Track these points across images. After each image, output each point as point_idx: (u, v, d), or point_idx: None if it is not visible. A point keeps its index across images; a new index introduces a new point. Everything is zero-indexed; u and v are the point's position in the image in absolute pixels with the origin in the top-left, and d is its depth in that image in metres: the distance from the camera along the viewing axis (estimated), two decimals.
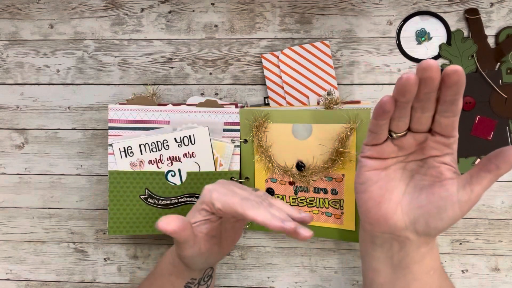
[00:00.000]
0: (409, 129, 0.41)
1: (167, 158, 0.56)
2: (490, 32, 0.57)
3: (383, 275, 0.43)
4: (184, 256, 0.43)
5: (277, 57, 0.58)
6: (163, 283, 0.48)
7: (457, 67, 0.35)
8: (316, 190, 0.55)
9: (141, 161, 0.56)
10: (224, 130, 0.57)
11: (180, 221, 0.39)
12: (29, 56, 0.61)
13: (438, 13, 0.57)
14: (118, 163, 0.55)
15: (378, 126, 0.40)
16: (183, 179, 0.57)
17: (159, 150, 0.56)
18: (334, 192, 0.55)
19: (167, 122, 0.56)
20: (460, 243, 0.58)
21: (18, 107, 0.61)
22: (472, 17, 0.56)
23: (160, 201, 0.56)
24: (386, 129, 0.40)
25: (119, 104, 0.56)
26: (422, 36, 0.57)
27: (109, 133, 0.55)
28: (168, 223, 0.39)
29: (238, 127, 0.57)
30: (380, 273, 0.43)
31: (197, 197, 0.57)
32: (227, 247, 0.48)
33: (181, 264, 0.46)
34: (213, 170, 0.57)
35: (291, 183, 0.56)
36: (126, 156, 0.55)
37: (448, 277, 0.45)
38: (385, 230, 0.42)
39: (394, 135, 0.41)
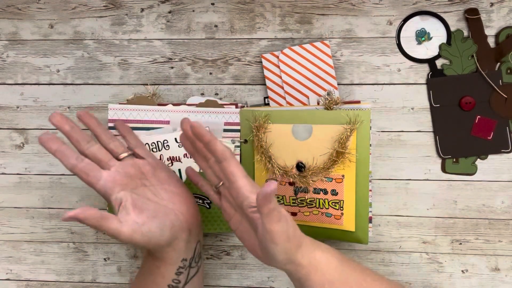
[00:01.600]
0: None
1: (168, 158, 0.56)
2: (490, 32, 0.56)
3: None
4: (128, 238, 0.42)
5: (277, 57, 0.58)
6: (151, 280, 0.48)
7: (191, 122, 0.43)
8: (316, 191, 0.55)
9: None
10: (224, 130, 0.57)
11: (82, 208, 0.40)
12: (29, 56, 0.61)
13: (438, 13, 0.57)
14: None
15: (200, 188, 0.50)
16: (183, 180, 0.56)
17: (159, 150, 0.56)
18: (334, 193, 0.55)
19: (167, 122, 0.56)
20: (460, 243, 0.58)
21: (18, 107, 0.61)
22: (472, 17, 0.56)
23: None
24: (210, 189, 0.49)
25: (119, 104, 0.56)
26: (422, 36, 0.57)
27: None
28: (69, 212, 0.40)
29: (238, 127, 0.57)
30: None
31: (197, 197, 0.57)
32: (180, 204, 0.48)
33: (161, 250, 0.46)
34: None
35: (291, 184, 0.56)
36: None
37: (363, 280, 0.45)
38: (272, 266, 0.45)
39: (215, 188, 0.48)
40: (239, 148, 0.57)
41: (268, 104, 0.58)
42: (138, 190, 0.46)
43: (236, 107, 0.58)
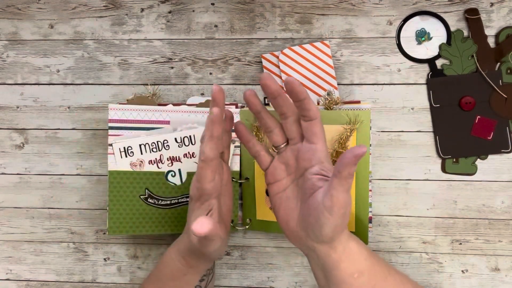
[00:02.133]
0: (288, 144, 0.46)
1: (168, 158, 0.56)
2: (490, 32, 0.56)
3: (321, 280, 0.45)
4: (210, 251, 0.43)
5: (277, 57, 0.58)
6: (176, 285, 0.48)
7: (289, 80, 0.41)
8: None
9: (141, 161, 0.56)
10: None
11: (211, 222, 0.39)
12: (29, 56, 0.61)
13: (438, 13, 0.57)
14: (118, 163, 0.55)
15: (250, 148, 0.47)
16: (183, 179, 0.57)
17: (159, 150, 0.56)
18: None
19: (167, 122, 0.56)
20: (460, 243, 0.58)
21: (18, 107, 0.61)
22: (472, 17, 0.56)
23: (160, 201, 0.56)
24: (260, 149, 0.47)
25: (119, 104, 0.56)
26: (422, 36, 0.57)
27: (109, 133, 0.55)
28: (202, 225, 0.38)
29: None
30: (319, 279, 0.46)
31: None
32: (228, 219, 0.48)
33: (196, 260, 0.46)
34: None
35: None
36: (126, 156, 0.55)
37: (388, 275, 0.45)
38: (299, 243, 0.45)
39: (275, 150, 0.46)
40: (239, 148, 0.57)
41: (268, 104, 0.58)
42: (218, 196, 0.46)
43: (236, 107, 0.58)
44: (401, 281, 0.45)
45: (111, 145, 0.55)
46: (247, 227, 0.59)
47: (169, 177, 0.56)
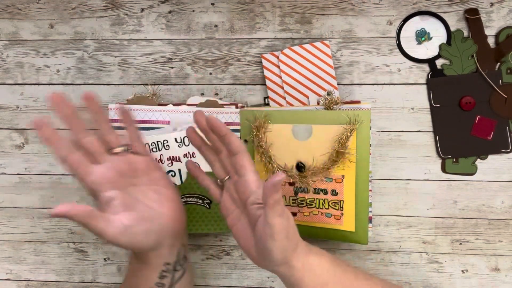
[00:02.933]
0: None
1: (168, 158, 0.56)
2: (490, 32, 0.56)
3: None
4: (113, 239, 0.41)
5: (277, 57, 0.58)
6: (134, 282, 0.46)
7: (209, 118, 0.44)
8: (316, 191, 0.55)
9: None
10: None
11: (71, 205, 0.39)
12: (29, 56, 0.61)
13: (438, 13, 0.57)
14: None
15: (200, 183, 0.49)
16: (183, 179, 0.57)
17: (159, 150, 0.56)
18: (334, 193, 0.55)
19: (168, 122, 0.56)
20: (460, 243, 0.58)
21: (18, 107, 0.61)
22: (472, 17, 0.56)
23: None
24: (209, 183, 0.49)
25: (119, 104, 0.56)
26: (422, 36, 0.57)
27: None
28: (58, 207, 0.39)
29: (238, 127, 0.57)
30: None
31: (197, 197, 0.57)
32: (168, 208, 0.46)
33: (143, 254, 0.45)
34: None
35: (291, 184, 0.56)
36: None
37: (354, 281, 0.45)
38: (265, 268, 0.45)
39: (220, 182, 0.48)
40: None
41: (268, 104, 0.58)
42: (128, 189, 0.45)
43: (236, 107, 0.58)
44: (368, 286, 0.45)
45: None
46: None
47: (169, 177, 0.56)
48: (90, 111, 0.46)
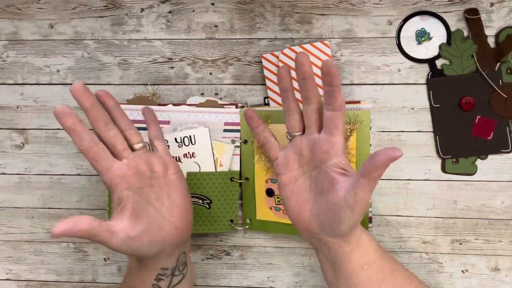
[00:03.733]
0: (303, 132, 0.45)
1: None
2: (490, 32, 0.57)
3: (329, 273, 0.45)
4: (116, 249, 0.40)
5: (277, 57, 0.58)
6: (132, 282, 0.46)
7: (329, 61, 0.39)
8: None
9: None
10: (224, 130, 0.57)
11: (70, 220, 0.36)
12: (29, 56, 0.61)
13: (438, 13, 0.57)
14: None
15: (258, 134, 0.46)
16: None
17: None
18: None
19: (168, 122, 0.57)
20: (460, 243, 0.58)
21: (18, 107, 0.61)
22: (472, 17, 0.56)
23: None
24: (269, 135, 0.46)
25: (119, 104, 0.56)
26: (422, 36, 0.57)
27: None
28: (57, 226, 0.36)
29: (238, 127, 0.57)
30: (327, 272, 0.45)
31: (197, 197, 0.57)
32: (177, 217, 0.44)
33: (136, 257, 0.44)
34: (213, 170, 0.57)
35: None
36: None
37: (397, 268, 0.44)
38: (310, 236, 0.44)
39: (289, 136, 0.45)
40: (239, 148, 0.57)
41: (268, 104, 0.58)
42: (143, 190, 0.44)
43: (236, 107, 0.58)
44: (408, 277, 0.45)
45: None
46: (247, 227, 0.59)
47: None
48: (107, 108, 0.45)
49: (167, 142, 0.56)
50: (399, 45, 0.58)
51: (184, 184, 0.46)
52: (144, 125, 0.56)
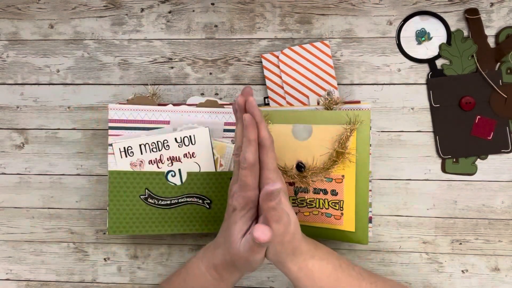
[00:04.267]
0: None
1: (167, 158, 0.56)
2: (490, 32, 0.56)
3: None
4: (256, 260, 0.43)
5: (277, 57, 0.58)
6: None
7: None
8: (316, 191, 0.55)
9: (141, 161, 0.56)
10: (224, 130, 0.57)
11: (270, 229, 0.38)
12: (29, 56, 0.61)
13: (438, 13, 0.57)
14: (118, 163, 0.55)
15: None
16: (183, 179, 0.56)
17: (159, 150, 0.56)
18: (334, 193, 0.55)
19: (167, 122, 0.56)
20: (460, 243, 0.58)
21: (18, 107, 0.61)
22: (472, 17, 0.56)
23: (160, 201, 0.56)
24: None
25: (119, 104, 0.56)
26: (422, 36, 0.57)
27: (109, 133, 0.55)
28: (263, 232, 0.37)
29: None
30: None
31: (197, 197, 0.57)
32: None
33: (230, 273, 0.46)
34: (213, 170, 0.57)
35: (291, 184, 0.56)
36: (126, 156, 0.55)
37: (364, 285, 0.46)
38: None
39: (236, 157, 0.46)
40: None
41: (268, 104, 0.58)
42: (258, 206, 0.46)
43: None
44: None
45: (111, 145, 0.55)
46: None
47: (169, 177, 0.56)
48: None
49: (167, 142, 0.56)
50: (399, 45, 0.58)
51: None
52: (145, 125, 0.56)
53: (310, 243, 0.46)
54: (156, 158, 0.56)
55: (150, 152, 0.55)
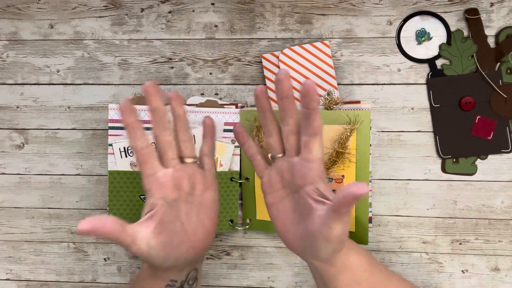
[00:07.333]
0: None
1: None
2: (490, 32, 0.57)
3: (320, 287, 0.45)
4: (135, 254, 0.40)
5: (277, 57, 0.58)
6: (143, 286, 0.46)
7: (309, 82, 0.37)
8: None
9: None
10: (224, 130, 0.57)
11: (96, 220, 0.37)
12: (29, 56, 0.61)
13: (438, 13, 0.57)
14: (118, 163, 0.55)
15: (246, 151, 0.44)
16: None
17: None
18: (334, 193, 0.55)
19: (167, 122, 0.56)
20: (460, 243, 0.58)
21: (18, 107, 0.61)
22: (472, 17, 0.56)
23: None
24: (255, 153, 0.44)
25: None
26: (422, 36, 0.57)
27: (109, 133, 0.55)
28: (83, 223, 0.36)
29: None
30: (318, 285, 0.45)
31: None
32: (199, 238, 0.44)
33: (152, 266, 0.44)
34: None
35: None
36: (126, 156, 0.55)
37: (389, 283, 0.44)
38: (298, 254, 0.43)
39: (270, 157, 0.43)
40: (239, 148, 0.57)
41: None
42: (177, 203, 0.43)
43: (236, 107, 0.58)
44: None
45: (111, 145, 0.55)
46: (247, 227, 0.59)
47: None
48: (173, 113, 0.44)
49: None
50: (399, 45, 0.58)
51: (216, 208, 0.46)
52: (145, 125, 0.56)
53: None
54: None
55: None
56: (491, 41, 0.57)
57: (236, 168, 0.57)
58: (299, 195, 0.42)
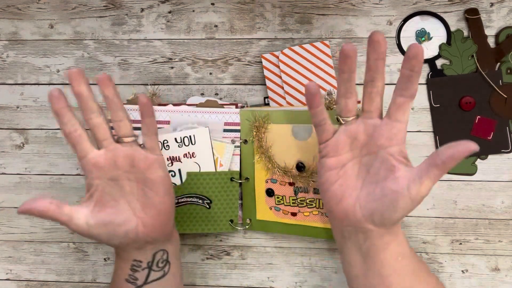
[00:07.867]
0: (358, 117, 0.43)
1: (167, 158, 0.56)
2: (490, 32, 0.57)
3: (357, 267, 0.44)
4: (75, 231, 0.43)
5: (277, 57, 0.58)
6: (115, 268, 0.47)
7: (416, 45, 0.38)
8: (316, 191, 0.55)
9: None
10: (224, 130, 0.57)
11: (32, 201, 0.42)
12: (29, 56, 0.61)
13: (438, 13, 0.57)
14: None
15: (316, 114, 0.43)
16: (183, 180, 0.57)
17: None
18: None
19: (167, 122, 0.56)
20: (460, 243, 0.58)
21: (18, 107, 0.61)
22: (472, 17, 0.56)
23: None
24: (327, 117, 0.43)
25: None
26: (422, 36, 0.57)
27: None
28: (22, 205, 0.41)
29: (238, 127, 0.57)
30: (354, 266, 0.44)
31: (197, 197, 0.57)
32: (149, 215, 0.44)
33: (108, 244, 0.45)
34: (213, 170, 0.57)
35: (291, 184, 0.56)
36: None
37: (421, 262, 0.44)
38: (348, 224, 0.43)
39: (342, 120, 0.43)
40: (239, 148, 0.57)
41: (268, 104, 0.58)
42: (118, 182, 0.44)
43: (236, 107, 0.58)
44: (427, 271, 0.45)
45: None
46: (247, 227, 0.59)
47: None
48: (104, 96, 0.44)
49: (167, 142, 0.56)
50: (399, 45, 0.58)
51: (166, 185, 0.45)
52: (140, 125, 0.56)
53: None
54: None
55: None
56: (491, 41, 0.57)
57: (236, 168, 0.57)
58: (374, 157, 0.41)
